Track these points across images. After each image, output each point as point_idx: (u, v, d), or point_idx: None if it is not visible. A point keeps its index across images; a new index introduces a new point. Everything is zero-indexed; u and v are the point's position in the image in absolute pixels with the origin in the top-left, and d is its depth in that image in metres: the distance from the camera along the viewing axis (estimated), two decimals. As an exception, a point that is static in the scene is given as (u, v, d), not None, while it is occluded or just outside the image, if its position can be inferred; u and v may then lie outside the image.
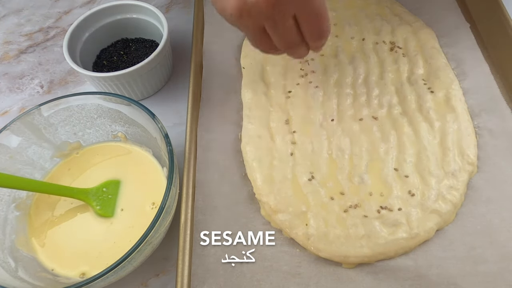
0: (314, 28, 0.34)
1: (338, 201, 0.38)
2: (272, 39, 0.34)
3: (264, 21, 0.32)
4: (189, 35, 0.52)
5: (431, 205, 0.37)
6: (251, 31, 0.34)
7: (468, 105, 0.44)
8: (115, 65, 0.52)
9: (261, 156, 0.40)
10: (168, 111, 0.50)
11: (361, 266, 0.36)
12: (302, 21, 0.33)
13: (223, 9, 0.33)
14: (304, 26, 0.33)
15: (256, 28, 0.33)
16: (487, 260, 0.35)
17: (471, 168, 0.39)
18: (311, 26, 0.33)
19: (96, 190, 0.40)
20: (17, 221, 0.39)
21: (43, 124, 0.41)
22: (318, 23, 0.33)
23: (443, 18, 0.51)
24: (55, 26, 0.62)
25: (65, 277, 0.37)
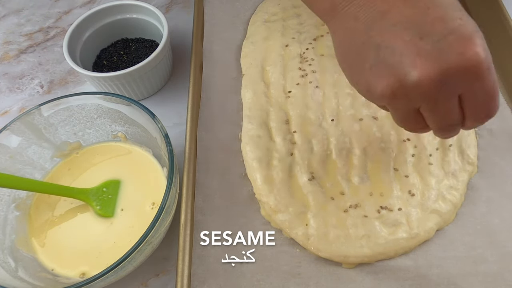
0: (482, 110, 0.28)
1: (338, 201, 0.38)
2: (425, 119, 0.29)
3: (422, 103, 0.27)
4: (189, 35, 0.52)
5: (431, 205, 0.37)
6: (403, 112, 0.29)
7: (468, 105, 0.44)
8: (115, 65, 0.52)
9: (261, 156, 0.40)
10: (168, 111, 0.50)
11: (361, 266, 0.36)
12: (469, 102, 0.27)
13: (370, 90, 0.28)
14: (470, 107, 0.28)
15: (409, 109, 0.28)
16: (487, 260, 0.35)
17: (471, 168, 0.39)
18: (479, 107, 0.27)
19: (96, 190, 0.40)
20: (17, 221, 0.39)
21: (43, 124, 0.41)
22: (488, 104, 0.27)
23: (443, 18, 0.51)
24: (55, 26, 0.62)
25: (65, 277, 0.37)
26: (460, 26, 0.25)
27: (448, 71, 0.25)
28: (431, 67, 0.25)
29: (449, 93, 0.26)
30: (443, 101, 0.27)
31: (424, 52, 0.25)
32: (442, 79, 0.25)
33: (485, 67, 0.25)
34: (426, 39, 0.25)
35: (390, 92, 0.27)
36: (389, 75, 0.26)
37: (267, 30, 0.51)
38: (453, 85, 0.26)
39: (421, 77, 0.25)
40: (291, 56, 0.48)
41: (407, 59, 0.25)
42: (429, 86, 0.25)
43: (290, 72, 0.46)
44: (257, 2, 0.55)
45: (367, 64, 0.28)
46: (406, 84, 0.26)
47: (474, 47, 0.25)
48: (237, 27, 0.53)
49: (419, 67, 0.25)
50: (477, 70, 0.25)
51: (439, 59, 0.25)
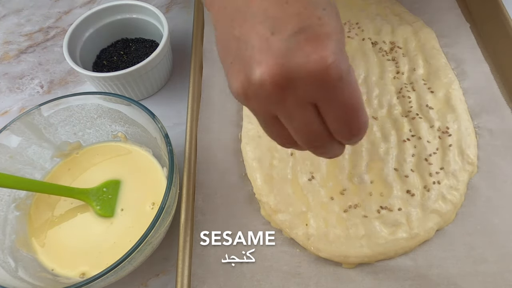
0: (342, 123, 0.25)
1: (338, 201, 0.38)
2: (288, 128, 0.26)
3: (274, 108, 0.24)
4: (189, 35, 0.52)
5: (431, 205, 0.37)
6: (261, 118, 0.26)
7: (468, 105, 0.44)
8: (115, 65, 0.52)
9: (261, 156, 0.40)
10: (168, 111, 0.50)
11: (361, 266, 0.36)
12: (325, 113, 0.24)
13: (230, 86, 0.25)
14: (329, 119, 0.25)
15: (266, 114, 0.25)
16: (487, 260, 0.35)
17: (471, 168, 0.39)
18: (338, 120, 0.24)
19: (96, 190, 0.40)
20: (17, 221, 0.39)
21: (43, 124, 0.41)
22: (347, 118, 0.24)
23: (443, 18, 0.51)
24: (55, 26, 0.62)
25: (65, 277, 0.37)
26: (316, 25, 0.22)
27: (292, 72, 0.22)
28: (274, 65, 0.22)
29: (299, 99, 0.23)
30: (295, 109, 0.24)
31: (272, 49, 0.22)
32: (286, 82, 0.22)
33: (333, 74, 0.22)
34: (277, 35, 0.22)
35: (242, 91, 0.24)
36: (241, 72, 0.24)
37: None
38: (301, 91, 0.23)
39: (263, 76, 0.22)
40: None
41: (256, 54, 0.23)
42: (272, 87, 0.23)
43: (290, 72, 0.46)
44: (257, 2, 0.55)
45: (229, 59, 0.25)
46: (252, 82, 0.23)
47: (322, 50, 0.22)
48: (237, 27, 0.53)
49: (264, 64, 0.22)
50: (322, 76, 0.22)
51: (284, 58, 0.22)
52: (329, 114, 0.24)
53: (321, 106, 0.24)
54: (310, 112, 0.24)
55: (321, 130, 0.25)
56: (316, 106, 0.24)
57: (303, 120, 0.25)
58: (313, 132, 0.25)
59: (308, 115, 0.24)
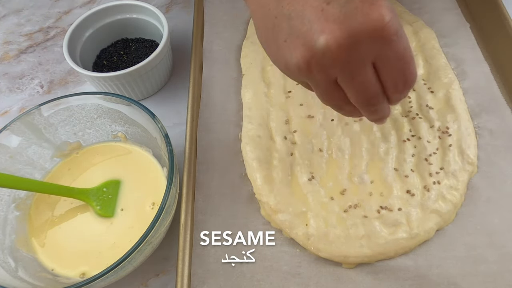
0: (398, 76, 0.27)
1: (338, 201, 0.38)
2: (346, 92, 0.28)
3: (337, 72, 0.26)
4: (189, 35, 0.52)
5: (431, 205, 0.37)
6: (322, 86, 0.28)
7: (468, 105, 0.44)
8: (115, 65, 0.52)
9: (261, 156, 0.40)
10: (168, 111, 0.50)
11: (361, 266, 0.36)
12: (383, 70, 0.27)
13: (288, 65, 0.27)
14: (386, 74, 0.27)
15: (328, 81, 0.27)
16: (487, 260, 0.35)
17: (471, 168, 0.39)
18: (395, 73, 0.27)
19: (97, 190, 0.40)
20: (17, 221, 0.39)
21: (43, 124, 0.41)
22: (403, 69, 0.27)
23: (443, 18, 0.51)
24: (55, 26, 0.62)
25: (65, 277, 0.37)
26: None
27: (355, 33, 0.24)
28: (338, 30, 0.24)
29: (361, 59, 0.26)
30: (357, 69, 0.26)
31: (331, 17, 0.24)
32: (350, 43, 0.24)
33: (392, 28, 0.24)
34: (333, 3, 0.24)
35: (304, 63, 0.26)
36: (301, 45, 0.26)
37: (267, 30, 0.51)
38: (364, 50, 0.25)
39: (328, 42, 0.24)
40: (291, 56, 0.48)
41: (315, 25, 0.25)
42: (338, 51, 0.25)
43: (290, 72, 0.46)
44: (257, 2, 0.55)
45: (282, 38, 0.27)
46: (316, 51, 0.25)
47: (379, 9, 0.24)
48: (237, 27, 0.53)
49: (327, 32, 0.24)
50: (383, 31, 0.24)
51: (346, 22, 0.24)
52: (387, 68, 0.27)
53: (379, 62, 0.26)
54: (370, 71, 0.26)
55: (377, 89, 0.28)
56: (374, 65, 0.26)
57: (363, 80, 0.27)
58: (371, 90, 0.27)
59: (368, 74, 0.26)
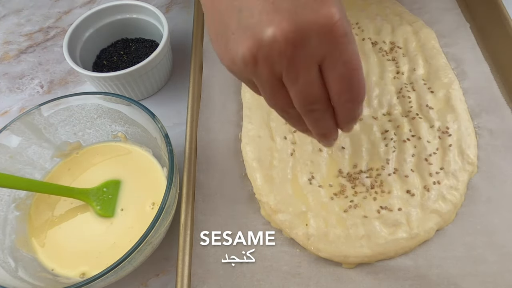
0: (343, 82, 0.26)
1: (338, 201, 0.38)
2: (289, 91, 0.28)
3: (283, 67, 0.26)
4: (189, 35, 0.52)
5: (431, 205, 0.37)
6: (268, 83, 0.28)
7: (468, 105, 0.44)
8: (115, 65, 0.52)
9: (261, 156, 0.40)
10: (168, 111, 0.50)
11: (361, 266, 0.36)
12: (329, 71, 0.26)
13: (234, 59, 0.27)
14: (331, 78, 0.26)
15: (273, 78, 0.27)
16: (487, 260, 0.35)
17: (471, 168, 0.39)
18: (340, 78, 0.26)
19: (97, 190, 0.40)
20: (17, 221, 0.39)
21: (43, 124, 0.41)
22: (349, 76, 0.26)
23: (443, 18, 0.51)
24: (55, 26, 0.62)
25: (65, 277, 0.37)
26: None
27: (303, 27, 0.24)
28: (285, 23, 0.24)
29: (307, 56, 0.25)
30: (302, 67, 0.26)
31: (281, 9, 0.24)
32: (297, 37, 0.24)
33: (341, 28, 0.24)
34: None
35: (250, 56, 0.25)
36: (249, 38, 0.25)
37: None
38: (311, 47, 0.25)
39: (276, 34, 0.24)
40: (291, 56, 0.48)
41: (264, 17, 0.24)
42: (285, 44, 0.24)
43: (290, 72, 0.46)
44: (257, 2, 0.55)
45: (230, 31, 0.26)
46: (263, 43, 0.25)
47: (329, 7, 0.24)
48: (237, 27, 0.53)
49: (275, 23, 0.24)
50: (331, 29, 0.24)
51: (295, 16, 0.24)
52: (333, 72, 0.26)
53: (326, 63, 0.26)
54: (315, 72, 0.26)
55: (321, 93, 0.27)
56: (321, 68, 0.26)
57: (307, 80, 0.26)
58: (314, 94, 0.27)
59: (312, 75, 0.26)
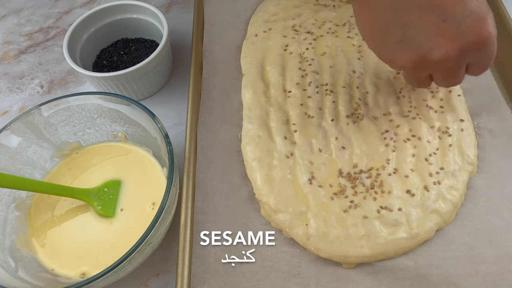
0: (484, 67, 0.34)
1: (338, 201, 0.38)
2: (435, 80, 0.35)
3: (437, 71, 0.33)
4: (189, 35, 0.52)
5: (431, 205, 0.37)
6: (417, 79, 0.35)
7: (468, 105, 0.44)
8: (115, 65, 0.52)
9: (261, 156, 0.40)
10: (168, 111, 0.50)
11: (361, 266, 0.36)
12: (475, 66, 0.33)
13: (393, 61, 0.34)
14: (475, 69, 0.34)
15: (425, 77, 0.35)
16: (487, 260, 0.35)
17: (471, 168, 0.39)
18: (482, 69, 0.34)
19: (98, 190, 0.40)
20: (17, 221, 0.39)
21: (43, 124, 0.41)
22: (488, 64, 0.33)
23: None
24: (55, 26, 0.62)
25: (65, 277, 0.37)
26: (477, 8, 0.30)
27: (466, 48, 0.30)
28: (452, 46, 0.30)
29: (462, 64, 0.32)
30: (455, 71, 0.33)
31: (447, 34, 0.30)
32: (459, 55, 0.30)
33: (494, 41, 0.31)
34: (448, 21, 0.30)
35: (411, 65, 0.32)
36: (414, 51, 0.32)
37: (267, 30, 0.51)
38: (467, 57, 0.31)
39: (443, 56, 0.31)
40: (291, 56, 0.48)
41: (431, 39, 0.30)
42: (447, 61, 0.31)
43: (290, 72, 0.46)
44: (257, 2, 0.55)
45: (393, 39, 0.32)
46: (429, 60, 0.31)
47: (487, 27, 0.30)
48: (237, 27, 0.53)
49: (443, 47, 0.30)
50: (488, 44, 0.31)
51: (460, 39, 0.30)
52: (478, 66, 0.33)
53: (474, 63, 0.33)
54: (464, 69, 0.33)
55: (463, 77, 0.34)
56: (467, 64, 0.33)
57: (458, 75, 0.33)
58: (459, 80, 0.34)
59: (462, 72, 0.33)
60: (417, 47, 0.31)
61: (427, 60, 0.31)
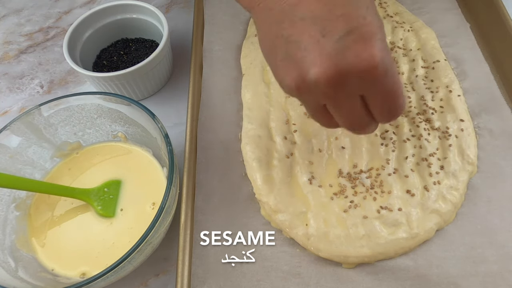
0: (385, 108, 0.28)
1: (338, 201, 0.38)
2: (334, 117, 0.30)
3: (325, 101, 0.28)
4: (189, 35, 0.52)
5: (431, 205, 0.37)
6: (310, 107, 0.30)
7: (468, 105, 0.44)
8: (115, 65, 0.52)
9: (261, 156, 0.40)
10: (168, 111, 0.50)
11: (361, 266, 0.36)
12: (371, 102, 0.28)
13: (281, 83, 0.29)
14: (373, 106, 0.28)
15: (316, 105, 0.29)
16: (487, 260, 0.35)
17: (471, 168, 0.39)
18: (383, 106, 0.28)
19: (98, 190, 0.40)
20: (17, 221, 0.39)
21: (43, 124, 0.41)
22: (390, 103, 0.28)
23: (443, 18, 0.51)
24: (55, 26, 0.62)
25: (65, 277, 0.37)
26: (362, 25, 0.25)
27: (344, 71, 0.25)
28: (328, 67, 0.25)
29: (349, 93, 0.27)
30: (344, 101, 0.27)
31: (325, 51, 0.25)
32: (339, 79, 0.25)
33: (381, 69, 0.25)
34: (328, 36, 0.25)
35: (295, 87, 0.27)
36: (294, 70, 0.26)
37: (267, 30, 0.51)
38: (352, 86, 0.26)
39: (318, 76, 0.25)
40: (291, 56, 0.48)
41: (310, 55, 0.25)
42: (327, 85, 0.25)
43: (290, 72, 0.46)
44: (257, 2, 0.55)
45: (279, 57, 0.28)
46: (307, 80, 0.26)
47: (370, 49, 0.24)
48: (237, 27, 0.53)
49: (318, 65, 0.25)
50: (372, 73, 0.25)
51: (337, 59, 0.25)
52: (374, 102, 0.28)
53: (367, 96, 0.27)
54: (357, 101, 0.28)
55: (364, 115, 0.29)
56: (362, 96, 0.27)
57: (350, 109, 0.28)
58: (357, 117, 0.29)
59: (354, 104, 0.28)
60: (297, 64, 0.26)
61: (306, 80, 0.26)
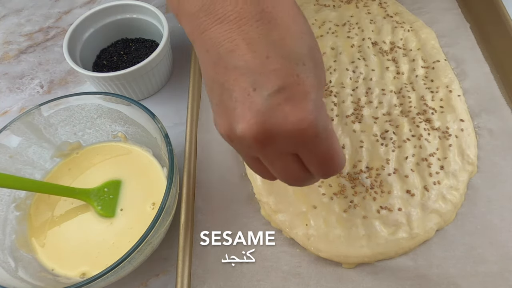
0: (322, 168, 0.26)
1: (338, 201, 0.38)
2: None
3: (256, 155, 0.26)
4: (189, 35, 0.52)
5: (431, 205, 0.37)
6: (244, 158, 0.28)
7: (468, 105, 0.44)
8: (115, 65, 0.52)
9: (261, 156, 0.40)
10: (168, 111, 0.50)
11: (361, 266, 0.36)
12: (306, 161, 0.26)
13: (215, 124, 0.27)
14: (309, 166, 0.26)
15: (248, 157, 0.27)
16: (487, 260, 0.35)
17: (471, 168, 0.39)
18: (318, 167, 0.26)
19: (98, 190, 0.40)
20: (17, 221, 0.39)
21: (43, 124, 0.41)
22: (325, 164, 0.26)
23: (443, 18, 0.51)
24: (55, 26, 0.62)
25: (65, 277, 0.37)
26: (294, 83, 0.23)
27: (271, 131, 0.23)
28: (254, 124, 0.23)
29: (279, 151, 0.25)
30: (274, 158, 0.25)
31: (254, 106, 0.23)
32: (266, 138, 0.23)
33: (311, 132, 0.23)
34: (258, 91, 0.23)
35: (226, 136, 0.26)
36: (226, 119, 0.25)
37: (267, 30, 0.51)
38: (281, 145, 0.24)
39: (244, 132, 0.23)
40: (291, 56, 0.48)
41: (239, 108, 0.24)
42: (253, 142, 0.24)
43: (290, 72, 0.46)
44: (257, 2, 0.55)
45: (214, 101, 0.26)
46: (234, 133, 0.24)
47: (300, 111, 0.23)
48: (237, 27, 0.53)
49: (245, 121, 0.23)
50: (301, 135, 0.23)
51: (264, 117, 0.23)
52: (309, 162, 0.26)
53: (302, 155, 0.25)
54: (290, 159, 0.26)
55: (300, 171, 0.26)
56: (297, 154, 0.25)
57: (282, 166, 0.26)
58: (292, 173, 0.27)
59: (288, 162, 0.26)
60: (228, 114, 0.24)
61: (233, 132, 0.24)
